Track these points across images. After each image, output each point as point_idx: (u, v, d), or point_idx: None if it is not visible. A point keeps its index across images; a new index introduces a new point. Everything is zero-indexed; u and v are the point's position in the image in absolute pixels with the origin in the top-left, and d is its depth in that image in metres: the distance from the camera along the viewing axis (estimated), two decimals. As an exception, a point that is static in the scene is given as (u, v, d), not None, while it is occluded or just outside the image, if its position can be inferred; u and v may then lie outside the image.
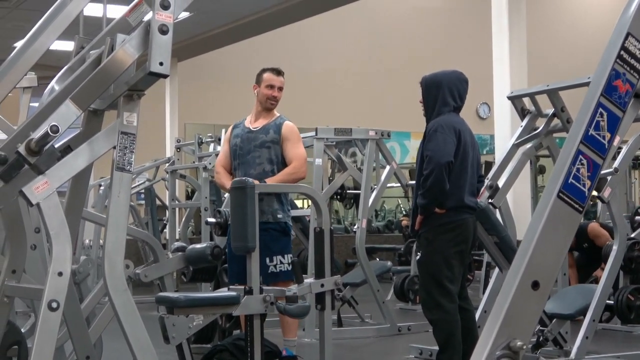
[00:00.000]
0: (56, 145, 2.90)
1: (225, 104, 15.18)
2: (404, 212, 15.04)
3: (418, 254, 4.71)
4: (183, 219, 10.22)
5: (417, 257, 4.70)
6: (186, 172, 10.04)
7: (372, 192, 7.22)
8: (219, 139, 8.62)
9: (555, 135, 5.81)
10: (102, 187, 9.68)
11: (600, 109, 1.91)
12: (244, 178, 4.26)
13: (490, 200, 5.44)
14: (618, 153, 5.55)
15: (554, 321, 5.19)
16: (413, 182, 7.75)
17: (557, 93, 5.60)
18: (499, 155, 6.19)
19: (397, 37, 17.47)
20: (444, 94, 4.59)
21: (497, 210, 5.60)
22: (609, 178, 5.31)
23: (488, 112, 17.25)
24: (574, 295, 5.42)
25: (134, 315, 2.87)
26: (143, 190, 10.65)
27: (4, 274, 3.26)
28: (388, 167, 7.30)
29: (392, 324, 6.95)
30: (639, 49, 1.93)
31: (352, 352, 6.24)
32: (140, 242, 8.84)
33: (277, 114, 5.31)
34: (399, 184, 7.99)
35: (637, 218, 8.26)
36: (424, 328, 6.25)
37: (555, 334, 5.20)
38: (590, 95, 1.93)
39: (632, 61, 1.93)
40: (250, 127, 5.26)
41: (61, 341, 3.75)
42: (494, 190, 5.49)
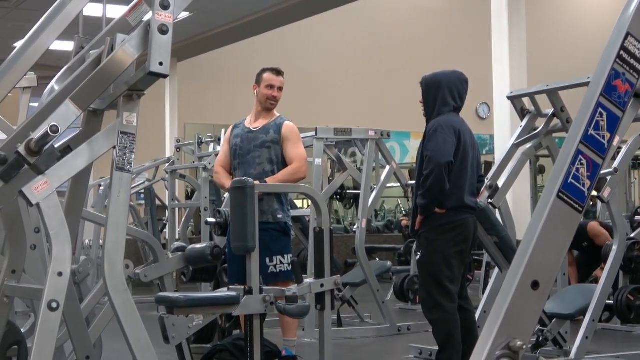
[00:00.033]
0: (56, 146, 2.90)
1: (225, 104, 15.18)
2: (403, 212, 15.04)
3: (418, 253, 4.71)
4: (183, 219, 10.22)
5: (417, 257, 4.70)
6: (186, 172, 10.04)
7: (372, 192, 7.21)
8: (219, 139, 8.62)
9: (554, 135, 5.81)
10: (102, 187, 9.68)
11: (600, 109, 1.91)
12: (244, 178, 4.26)
13: (490, 200, 5.44)
14: (618, 153, 5.55)
15: (553, 321, 5.19)
16: (413, 182, 7.76)
17: (556, 93, 5.60)
18: (499, 155, 6.19)
19: (397, 37, 17.47)
20: (444, 94, 4.59)
21: (497, 210, 5.60)
22: (608, 178, 5.31)
23: (488, 112, 17.25)
24: (573, 295, 5.42)
25: (133, 315, 2.87)
26: (143, 190, 10.64)
27: (3, 274, 3.26)
28: (388, 167, 7.30)
29: (392, 324, 6.95)
30: (638, 49, 1.94)
31: (351, 352, 6.23)
32: (140, 242, 8.84)
33: (277, 114, 5.31)
34: (399, 184, 7.99)
35: (636, 218, 8.26)
36: (424, 328, 6.25)
37: (555, 334, 5.20)
38: (589, 95, 1.93)
39: (632, 61, 1.93)
40: (251, 127, 5.26)
41: (61, 341, 3.75)
42: (493, 190, 5.49)
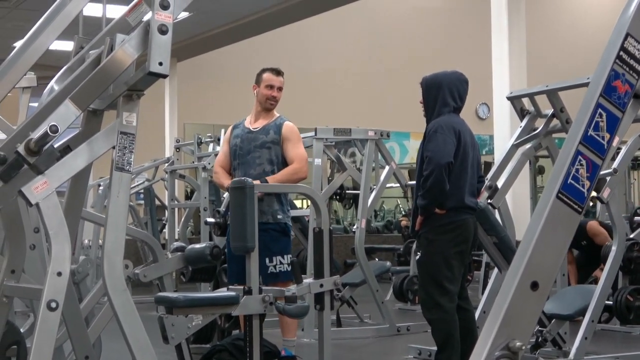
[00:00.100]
0: (55, 145, 2.89)
1: (225, 104, 15.18)
2: (403, 212, 15.04)
3: (418, 253, 4.71)
4: (182, 219, 10.21)
5: (417, 257, 4.70)
6: (185, 172, 10.03)
7: (372, 192, 7.21)
8: (218, 139, 8.62)
9: (554, 135, 5.81)
10: (101, 187, 9.68)
11: (600, 110, 1.91)
12: (243, 178, 4.25)
13: (489, 201, 5.44)
14: (617, 153, 5.55)
15: (553, 322, 5.19)
16: (412, 183, 7.77)
17: (556, 93, 5.60)
18: (498, 156, 6.19)
19: (397, 37, 17.47)
20: (444, 94, 4.59)
21: (496, 211, 5.60)
22: (608, 178, 5.31)
23: (487, 113, 17.25)
24: (573, 296, 5.42)
25: (133, 315, 2.87)
26: (142, 190, 10.64)
27: (3, 273, 3.25)
28: (387, 168, 7.29)
29: (391, 324, 6.95)
30: (638, 50, 1.94)
31: (351, 353, 6.23)
32: (139, 242, 8.83)
33: (277, 114, 5.30)
34: (398, 184, 7.99)
35: (636, 218, 8.27)
36: (423, 328, 6.25)
37: (554, 335, 5.20)
38: (589, 95, 1.93)
39: (632, 62, 1.93)
40: (250, 128, 5.25)
41: (60, 341, 3.75)
42: (493, 190, 5.49)
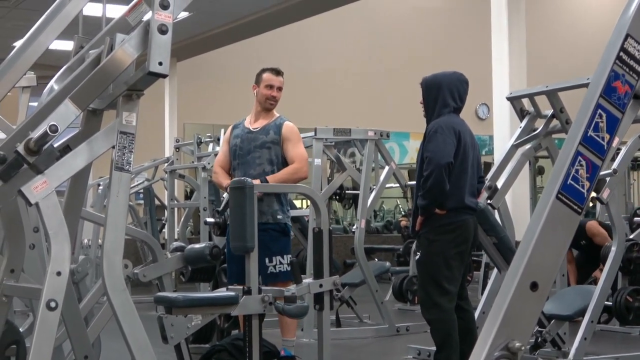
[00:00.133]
0: (55, 145, 2.89)
1: (225, 104, 15.18)
2: (402, 212, 15.04)
3: (417, 253, 4.71)
4: (182, 219, 10.22)
5: (417, 257, 4.70)
6: (185, 172, 10.03)
7: (371, 192, 7.21)
8: (218, 139, 8.62)
9: (554, 136, 5.81)
10: (101, 187, 9.68)
11: (600, 110, 1.91)
12: (243, 178, 4.25)
13: (489, 201, 5.43)
14: (617, 154, 5.55)
15: (552, 322, 5.18)
16: (412, 183, 7.77)
17: (556, 94, 5.60)
18: (498, 156, 6.19)
19: (397, 37, 17.47)
20: (444, 95, 4.59)
21: (496, 211, 5.60)
22: (607, 179, 5.31)
23: (487, 113, 17.26)
24: (572, 296, 5.42)
25: (132, 315, 2.87)
26: (142, 190, 10.64)
27: (2, 273, 3.25)
28: (387, 168, 7.30)
29: (391, 325, 6.95)
30: (638, 50, 1.93)
31: (350, 353, 6.23)
32: (139, 241, 8.83)
33: (277, 114, 5.30)
34: (398, 185, 7.99)
35: (635, 219, 8.26)
36: (423, 328, 6.25)
37: (553, 335, 5.20)
38: (589, 96, 1.93)
39: (632, 62, 1.93)
40: (250, 128, 5.25)
41: (59, 341, 3.75)
42: (492, 191, 5.49)
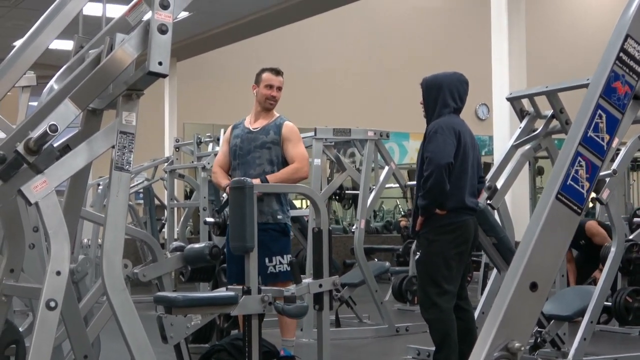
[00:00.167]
0: (55, 145, 2.90)
1: (225, 104, 15.18)
2: (402, 212, 15.03)
3: (417, 253, 4.71)
4: (181, 219, 10.22)
5: (417, 257, 4.70)
6: (185, 172, 10.03)
7: (371, 192, 7.21)
8: (218, 139, 8.62)
9: (554, 136, 5.81)
10: (100, 187, 9.67)
11: (599, 111, 1.91)
12: (243, 178, 4.25)
13: (488, 202, 5.44)
14: (617, 155, 5.55)
15: (551, 322, 5.18)
16: (411, 183, 7.77)
17: (556, 94, 5.60)
18: (498, 157, 6.19)
19: (397, 37, 17.47)
20: (444, 95, 4.59)
21: (496, 212, 5.60)
22: (607, 180, 5.31)
23: (487, 113, 17.25)
24: (572, 297, 5.42)
25: (132, 314, 2.87)
26: (142, 190, 10.64)
27: (2, 272, 3.25)
28: (387, 168, 7.30)
29: (390, 325, 6.95)
30: (638, 51, 1.94)
31: (350, 353, 6.23)
32: (138, 241, 8.82)
33: (277, 114, 5.30)
34: (398, 185, 7.99)
35: (635, 220, 8.27)
36: (422, 329, 6.24)
37: (553, 336, 5.20)
38: (589, 96, 1.93)
39: (631, 63, 1.93)
40: (250, 128, 5.24)
41: (59, 340, 3.74)
42: (492, 191, 5.49)
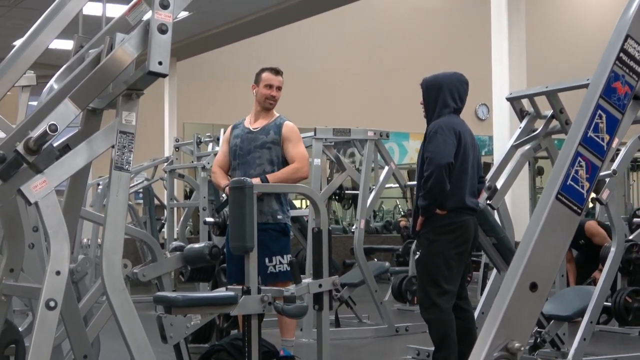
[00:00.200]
0: (55, 144, 2.89)
1: (224, 104, 15.18)
2: (402, 212, 15.03)
3: (417, 253, 4.71)
4: (181, 219, 10.22)
5: (417, 257, 4.70)
6: (184, 172, 10.03)
7: (371, 192, 7.22)
8: (218, 139, 8.62)
9: (553, 136, 5.81)
10: (100, 186, 9.67)
11: (599, 111, 1.91)
12: (243, 178, 4.25)
13: (488, 202, 5.44)
14: (616, 155, 5.55)
15: (551, 323, 5.18)
16: (411, 183, 7.77)
17: (556, 94, 5.60)
18: (498, 157, 6.19)
19: (397, 37, 17.47)
20: (444, 95, 4.59)
21: (496, 212, 5.60)
22: (607, 180, 5.31)
23: (487, 113, 17.25)
24: (571, 297, 5.42)
25: (131, 314, 2.87)
26: (141, 190, 10.64)
27: (1, 272, 3.25)
28: (386, 168, 7.30)
29: (390, 325, 6.95)
30: (638, 51, 1.93)
31: (349, 353, 6.23)
32: (138, 241, 8.82)
33: (277, 114, 5.29)
34: (397, 185, 8.00)
35: (635, 220, 8.27)
36: (422, 329, 6.24)
37: (552, 336, 5.20)
38: (589, 97, 1.93)
39: (631, 63, 1.93)
40: (250, 128, 5.24)
41: (59, 340, 3.74)
42: (492, 191, 5.49)
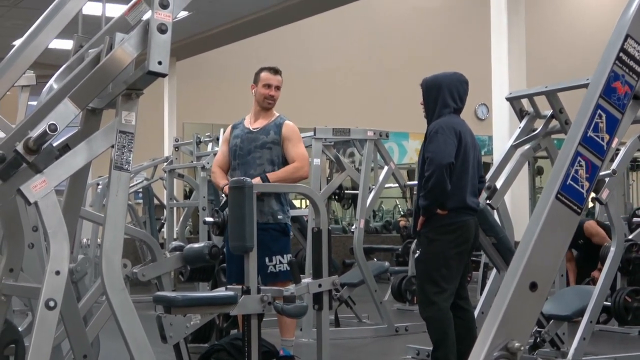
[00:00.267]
0: (54, 144, 2.89)
1: (224, 104, 15.17)
2: (401, 212, 15.03)
3: (417, 252, 4.71)
4: (181, 219, 10.22)
5: (416, 255, 4.70)
6: (184, 172, 10.02)
7: (370, 192, 7.21)
8: (217, 139, 8.61)
9: (553, 136, 5.81)
10: (100, 186, 9.67)
11: (599, 111, 1.91)
12: (242, 177, 4.25)
13: (488, 201, 5.44)
14: (616, 155, 5.55)
15: (551, 322, 5.18)
16: (411, 183, 7.77)
17: (555, 94, 5.60)
18: (497, 157, 6.19)
19: (397, 37, 17.47)
20: (444, 95, 4.59)
21: (495, 212, 5.60)
22: (607, 179, 5.31)
23: (486, 113, 17.25)
24: (571, 297, 5.42)
25: (131, 314, 2.87)
26: (141, 190, 10.63)
27: (1, 272, 3.25)
28: (386, 168, 7.30)
29: (390, 325, 6.95)
30: (638, 51, 1.93)
31: (349, 353, 6.23)
32: (138, 241, 8.83)
33: (277, 113, 5.29)
34: (397, 185, 8.00)
35: (634, 219, 8.27)
36: (421, 328, 6.22)
37: (552, 335, 5.20)
38: (589, 96, 1.93)
39: (631, 63, 1.93)
40: (250, 128, 5.24)
41: (58, 340, 3.74)
42: (492, 191, 5.50)
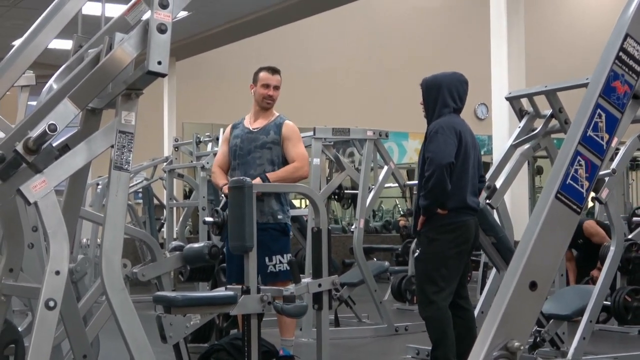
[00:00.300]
0: (54, 144, 2.89)
1: (224, 104, 15.17)
2: (401, 212, 15.03)
3: (417, 251, 4.71)
4: (181, 219, 10.21)
5: (416, 254, 4.70)
6: (184, 172, 10.02)
7: (370, 192, 7.22)
8: (217, 139, 8.61)
9: (553, 136, 5.82)
10: (99, 186, 9.67)
11: (599, 110, 1.92)
12: (242, 177, 4.25)
13: (487, 201, 5.44)
14: (616, 154, 5.55)
15: (551, 322, 5.19)
16: (410, 183, 7.77)
17: (555, 94, 5.61)
18: (497, 156, 6.19)
19: (397, 37, 17.47)
20: (444, 95, 4.59)
21: (495, 211, 5.60)
22: (606, 179, 5.31)
23: (486, 113, 17.25)
24: (571, 296, 5.42)
25: (131, 314, 2.87)
26: (141, 190, 10.63)
27: (1, 272, 3.25)
28: (386, 167, 7.30)
29: (390, 324, 6.95)
30: (637, 50, 1.94)
31: (349, 352, 6.23)
32: (137, 241, 8.83)
33: (277, 113, 5.29)
34: (397, 184, 8.00)
35: (634, 219, 8.27)
36: (421, 328, 6.21)
37: (552, 335, 5.20)
38: (588, 96, 1.93)
39: (631, 62, 1.94)
40: (250, 128, 5.24)
41: (58, 340, 3.74)
42: (491, 191, 5.50)
